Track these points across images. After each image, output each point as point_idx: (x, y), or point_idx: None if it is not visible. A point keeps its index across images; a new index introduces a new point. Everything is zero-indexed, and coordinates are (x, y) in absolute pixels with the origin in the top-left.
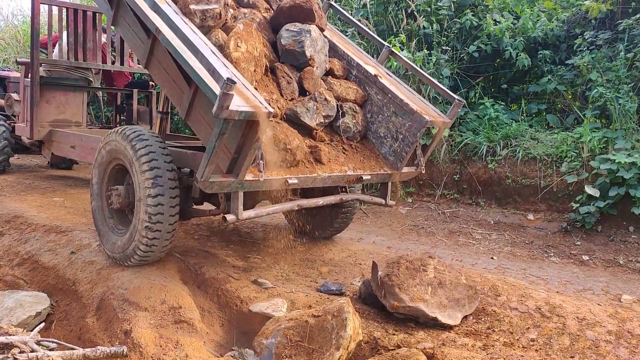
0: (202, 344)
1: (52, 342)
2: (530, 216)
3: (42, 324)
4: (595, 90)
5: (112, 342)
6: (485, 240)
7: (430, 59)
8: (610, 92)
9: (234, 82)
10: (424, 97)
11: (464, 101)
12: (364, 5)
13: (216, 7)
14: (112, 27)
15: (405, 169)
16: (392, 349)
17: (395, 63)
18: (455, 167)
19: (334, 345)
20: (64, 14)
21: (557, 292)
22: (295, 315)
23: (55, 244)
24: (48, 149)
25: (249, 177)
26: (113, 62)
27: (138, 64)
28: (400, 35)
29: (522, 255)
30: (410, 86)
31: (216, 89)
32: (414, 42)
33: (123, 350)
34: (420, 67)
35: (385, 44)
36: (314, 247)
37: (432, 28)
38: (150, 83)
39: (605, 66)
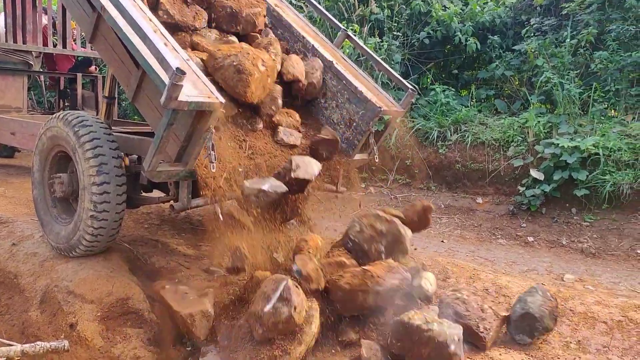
0: (152, 335)
1: None
2: (479, 200)
3: None
4: (543, 75)
5: (57, 336)
6: (436, 224)
7: (382, 45)
8: (555, 78)
9: (184, 73)
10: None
11: (417, 90)
12: None
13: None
14: (54, 9)
15: (357, 156)
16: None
17: (347, 49)
18: (407, 152)
19: (296, 340)
20: None
21: (504, 273)
22: None
23: None
24: None
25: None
26: (55, 45)
27: (82, 46)
28: (354, 25)
29: (471, 237)
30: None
31: (165, 78)
32: (366, 28)
33: (64, 345)
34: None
35: (342, 27)
36: (268, 234)
37: (383, 13)
38: (94, 66)
39: (551, 52)
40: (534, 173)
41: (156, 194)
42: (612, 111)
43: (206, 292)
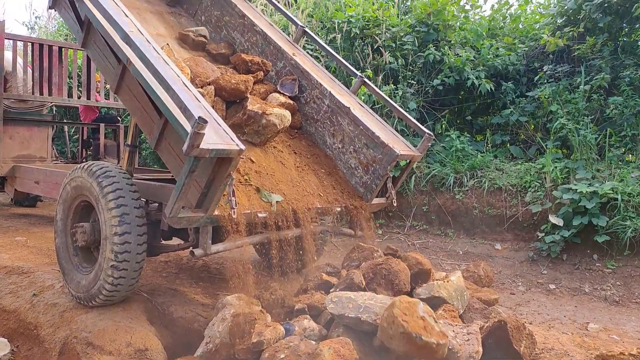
0: None
1: None
2: (498, 246)
3: None
4: (557, 121)
5: None
6: (454, 271)
7: (397, 93)
8: (570, 123)
9: (206, 122)
10: None
11: (433, 135)
12: (331, 41)
13: None
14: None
15: (375, 201)
16: None
17: (362, 97)
18: (423, 198)
19: None
20: (29, 48)
21: (526, 322)
22: None
23: (16, 286)
24: (11, 185)
25: (217, 211)
26: (79, 97)
27: (105, 98)
28: (367, 70)
29: None
30: None
31: (187, 126)
32: (380, 77)
33: None
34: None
35: (359, 73)
36: (285, 281)
37: (397, 63)
38: (118, 117)
39: (565, 98)
40: (552, 219)
41: (175, 241)
42: (630, 156)
43: None
